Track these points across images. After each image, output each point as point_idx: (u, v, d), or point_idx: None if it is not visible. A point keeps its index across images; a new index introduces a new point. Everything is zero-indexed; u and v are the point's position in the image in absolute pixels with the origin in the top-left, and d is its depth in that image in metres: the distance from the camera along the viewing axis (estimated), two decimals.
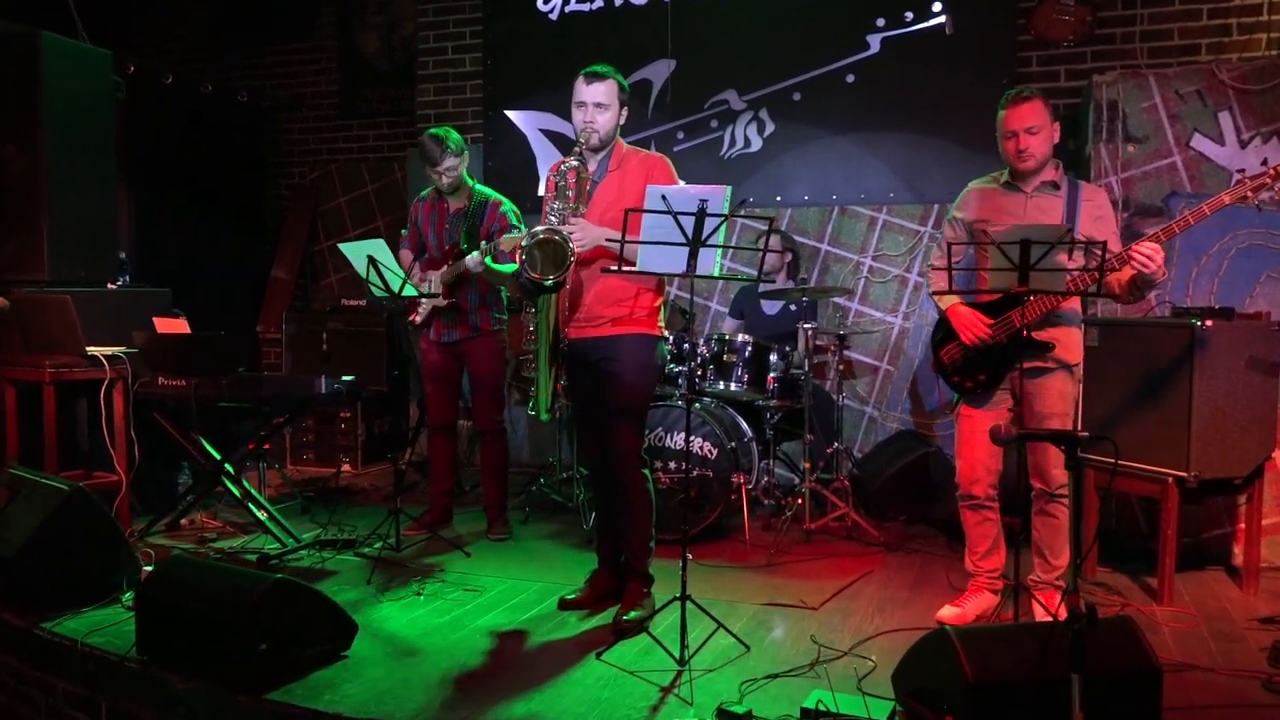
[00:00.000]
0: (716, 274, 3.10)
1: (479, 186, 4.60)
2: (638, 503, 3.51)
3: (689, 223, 2.97)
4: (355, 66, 7.35)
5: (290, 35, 7.48)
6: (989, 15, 5.36)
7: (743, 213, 5.46)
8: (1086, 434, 2.14)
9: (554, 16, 6.18)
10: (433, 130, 4.44)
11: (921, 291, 5.59)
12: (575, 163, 3.36)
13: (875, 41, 5.56)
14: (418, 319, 4.60)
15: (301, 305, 7.14)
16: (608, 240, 3.25)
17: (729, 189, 2.96)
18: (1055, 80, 5.30)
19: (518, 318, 4.87)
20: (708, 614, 3.27)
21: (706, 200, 2.94)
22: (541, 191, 4.99)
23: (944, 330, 3.50)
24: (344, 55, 7.38)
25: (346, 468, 6.28)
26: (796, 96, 5.73)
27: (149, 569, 3.63)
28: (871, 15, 5.54)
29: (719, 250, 3.05)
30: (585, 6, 6.08)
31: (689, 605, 3.13)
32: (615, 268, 3.08)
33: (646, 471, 3.54)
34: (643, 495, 3.51)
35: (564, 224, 3.31)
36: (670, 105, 5.95)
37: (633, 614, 3.41)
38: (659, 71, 5.96)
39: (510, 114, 6.32)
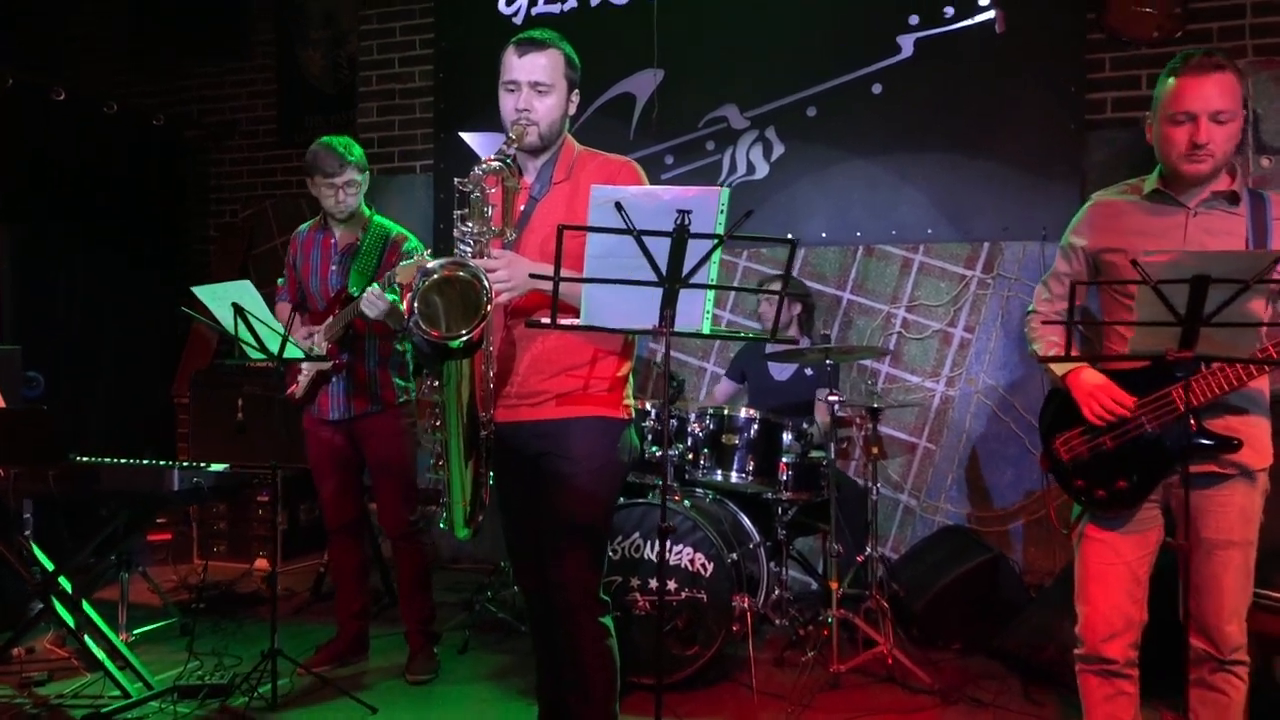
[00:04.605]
0: (706, 330, 1.99)
1: (379, 218, 3.53)
2: (593, 667, 2.36)
3: (661, 249, 1.87)
4: (296, 89, 6.33)
5: (222, 55, 6.48)
6: (1049, 8, 4.35)
7: (746, 232, 4.33)
8: None
9: (518, 20, 5.17)
10: (328, 138, 3.40)
11: (969, 351, 4.48)
12: (498, 164, 2.26)
13: (907, 43, 4.53)
14: (298, 391, 3.48)
15: (225, 366, 6.04)
16: (533, 275, 2.15)
17: (725, 191, 1.85)
18: (1135, 88, 4.26)
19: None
20: None
21: (690, 212, 1.84)
22: None
23: (1058, 405, 2.37)
24: (283, 76, 6.37)
25: (262, 564, 5.14)
26: (811, 112, 4.68)
27: None
28: (903, 12, 4.52)
29: (710, 293, 1.94)
30: (555, 8, 5.07)
31: None
32: (545, 320, 1.96)
33: (607, 621, 2.40)
34: (600, 657, 2.37)
35: (481, 257, 2.22)
36: (657, 124, 4.90)
37: None
38: (644, 84, 4.92)
39: (466, 136, 5.27)
